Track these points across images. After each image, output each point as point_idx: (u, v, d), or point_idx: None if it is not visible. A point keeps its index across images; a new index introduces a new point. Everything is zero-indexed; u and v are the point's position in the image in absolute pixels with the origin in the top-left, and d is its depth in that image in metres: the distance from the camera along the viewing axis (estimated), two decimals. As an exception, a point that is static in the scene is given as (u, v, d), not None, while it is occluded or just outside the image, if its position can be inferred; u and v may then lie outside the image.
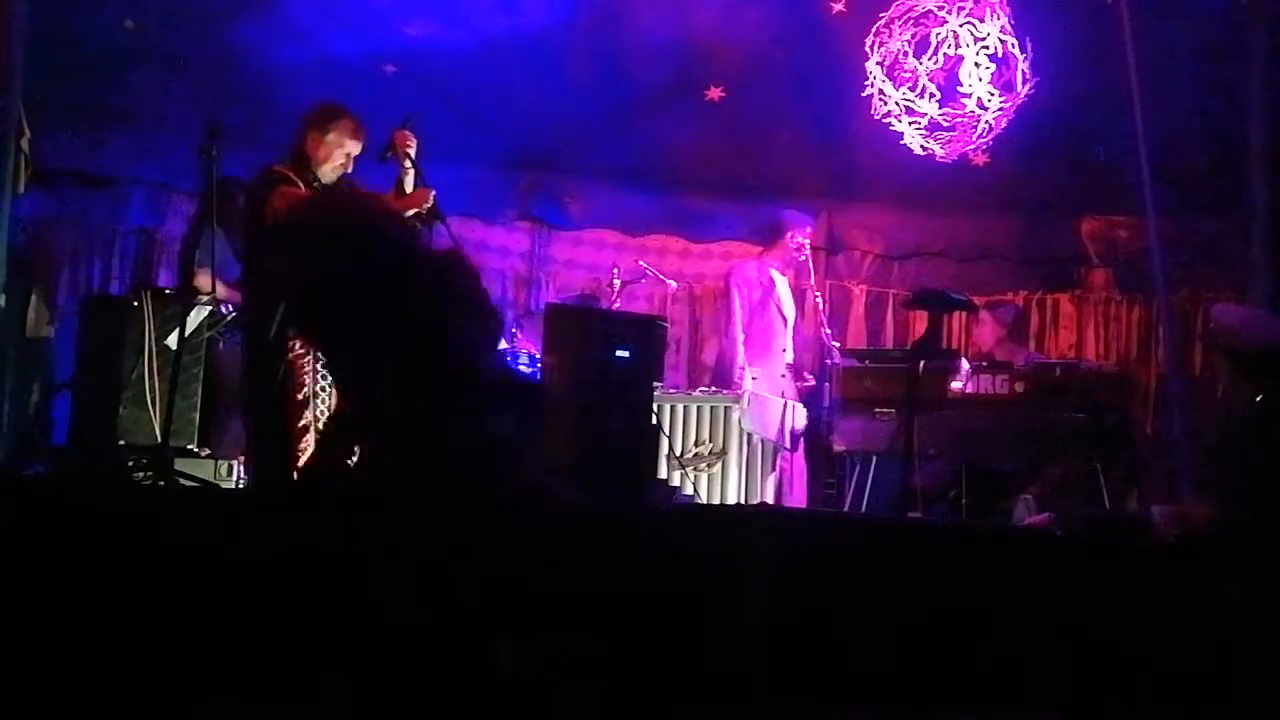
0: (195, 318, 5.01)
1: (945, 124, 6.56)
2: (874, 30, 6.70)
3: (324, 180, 4.94)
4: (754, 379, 6.37)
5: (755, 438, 6.01)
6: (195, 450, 4.97)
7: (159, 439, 4.75)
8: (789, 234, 6.59)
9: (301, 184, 4.82)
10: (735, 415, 5.97)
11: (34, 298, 6.91)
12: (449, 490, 3.62)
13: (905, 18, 6.61)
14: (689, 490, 5.80)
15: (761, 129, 7.66)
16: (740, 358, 6.46)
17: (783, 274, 6.67)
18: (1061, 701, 3.55)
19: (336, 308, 3.84)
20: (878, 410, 5.99)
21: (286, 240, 4.54)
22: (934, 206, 8.00)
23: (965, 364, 5.95)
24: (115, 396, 4.92)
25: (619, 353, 4.88)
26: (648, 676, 3.31)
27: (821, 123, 7.45)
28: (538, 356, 6.19)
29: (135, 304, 5.00)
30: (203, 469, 4.82)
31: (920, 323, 6.76)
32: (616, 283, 6.83)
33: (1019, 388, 5.82)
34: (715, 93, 7.59)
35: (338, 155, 4.93)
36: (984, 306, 6.87)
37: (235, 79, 7.01)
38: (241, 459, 5.02)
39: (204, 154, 4.84)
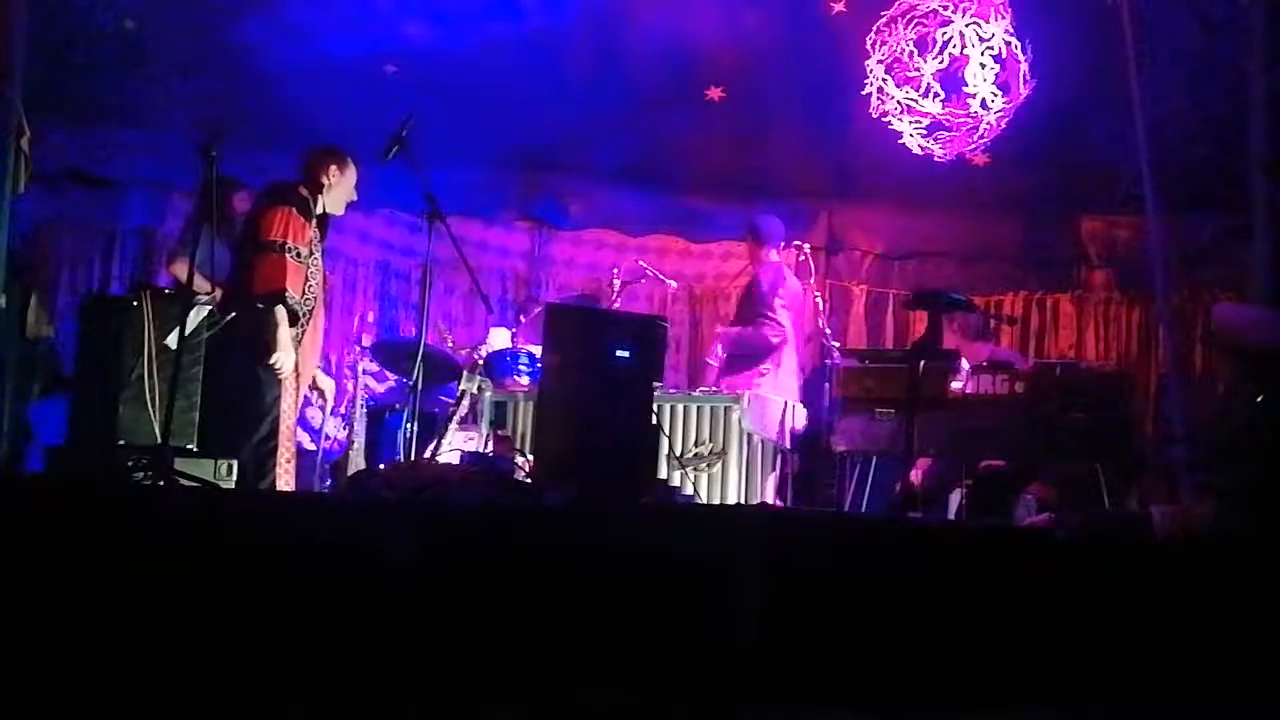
0: (195, 318, 4.99)
1: (948, 124, 6.55)
2: (875, 28, 6.70)
3: (328, 209, 5.59)
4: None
5: (755, 438, 6.00)
6: (195, 450, 4.95)
7: (159, 439, 4.73)
8: (766, 248, 6.59)
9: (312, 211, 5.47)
10: (735, 415, 5.97)
11: (34, 298, 6.90)
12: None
13: (907, 17, 6.60)
14: (689, 490, 5.79)
15: (761, 129, 7.65)
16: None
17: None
18: (1061, 701, 3.55)
19: None
20: (878, 410, 5.98)
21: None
22: (934, 206, 7.99)
23: (965, 364, 5.94)
24: (115, 396, 4.90)
25: (619, 353, 4.86)
26: (647, 676, 3.31)
27: (821, 123, 7.44)
28: (538, 356, 6.19)
29: (135, 304, 4.98)
30: (203, 469, 4.81)
31: (920, 323, 6.75)
32: (616, 283, 6.82)
33: (1019, 388, 5.80)
34: (715, 93, 7.59)
35: (343, 192, 5.60)
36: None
37: (235, 79, 7.01)
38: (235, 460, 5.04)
39: (204, 154, 4.85)
